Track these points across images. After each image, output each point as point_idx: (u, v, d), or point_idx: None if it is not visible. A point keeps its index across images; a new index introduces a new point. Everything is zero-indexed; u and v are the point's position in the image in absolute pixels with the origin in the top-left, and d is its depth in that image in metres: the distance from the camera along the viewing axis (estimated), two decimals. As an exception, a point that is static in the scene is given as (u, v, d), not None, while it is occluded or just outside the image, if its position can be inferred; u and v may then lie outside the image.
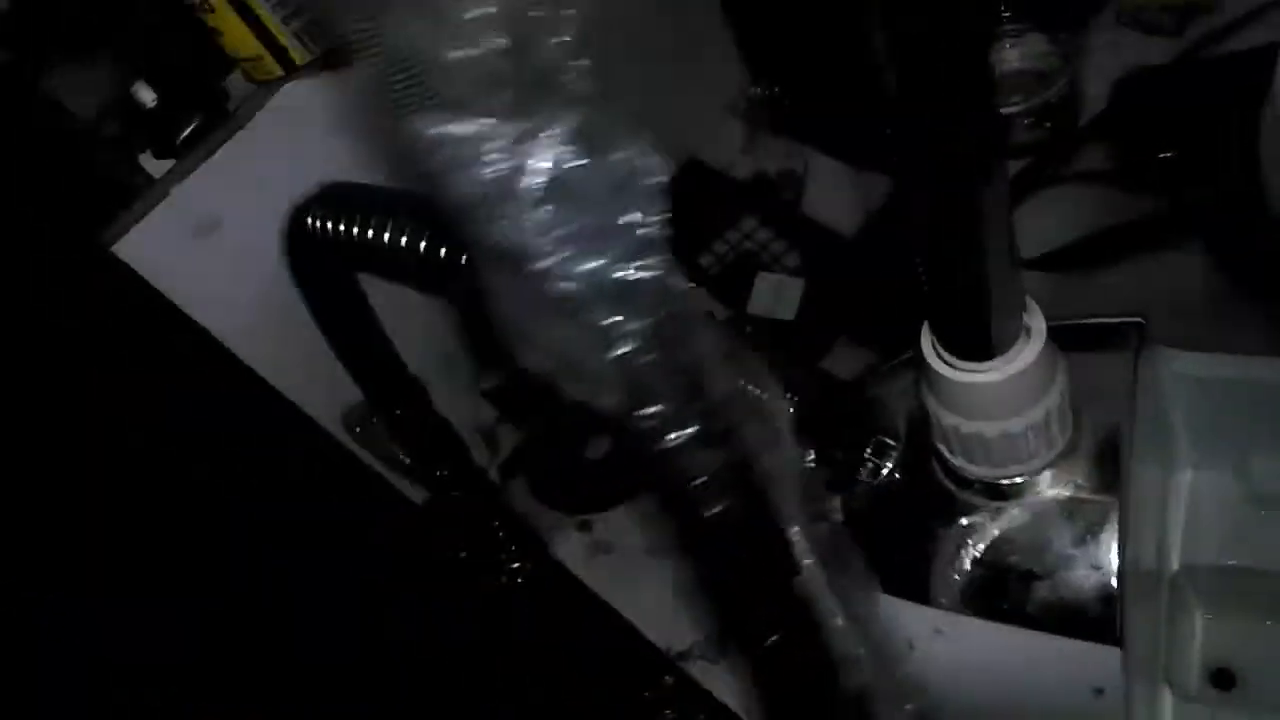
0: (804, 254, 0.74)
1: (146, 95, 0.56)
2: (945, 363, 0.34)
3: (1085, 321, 0.41)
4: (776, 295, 0.73)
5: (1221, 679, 0.48)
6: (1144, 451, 0.44)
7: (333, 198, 0.48)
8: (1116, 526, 0.36)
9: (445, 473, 0.73)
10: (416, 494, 0.77)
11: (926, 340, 0.34)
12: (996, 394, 0.33)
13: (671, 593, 0.70)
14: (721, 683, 0.67)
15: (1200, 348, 0.47)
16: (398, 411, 0.67)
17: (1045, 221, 0.71)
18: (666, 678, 0.69)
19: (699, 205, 0.77)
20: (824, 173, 0.78)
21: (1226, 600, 0.49)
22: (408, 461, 0.72)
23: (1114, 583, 0.35)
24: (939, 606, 0.38)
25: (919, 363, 0.35)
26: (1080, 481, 0.37)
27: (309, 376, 0.65)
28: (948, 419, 0.35)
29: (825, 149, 0.77)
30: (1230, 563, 0.48)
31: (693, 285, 0.33)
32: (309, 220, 0.47)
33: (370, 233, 0.46)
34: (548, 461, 0.79)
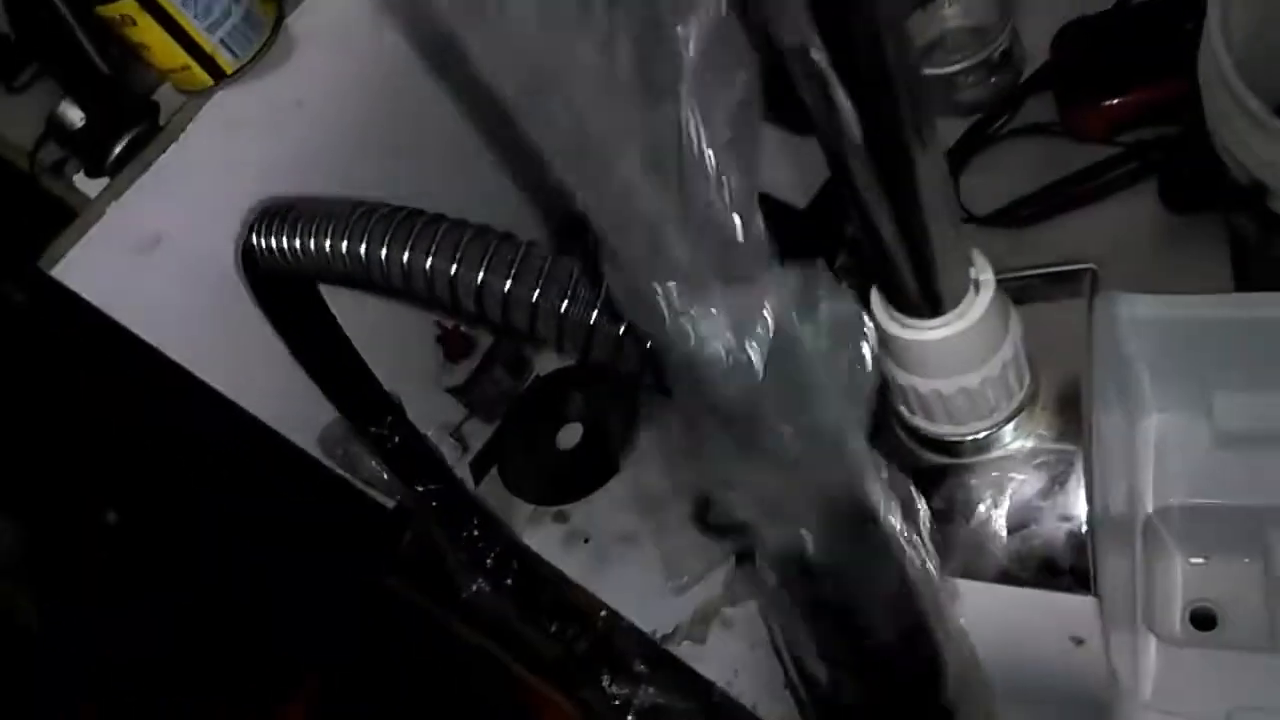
0: (779, 239, 0.73)
1: (73, 115, 0.55)
2: (896, 322, 0.33)
3: (1036, 272, 0.41)
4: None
5: (1202, 620, 0.48)
6: (1107, 398, 0.44)
7: (279, 211, 0.46)
8: (1083, 475, 0.36)
9: (427, 488, 0.72)
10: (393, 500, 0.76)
11: (876, 300, 0.34)
12: (950, 350, 0.33)
13: (651, 577, 0.70)
14: (706, 663, 0.67)
15: (1155, 290, 0.47)
16: (374, 429, 0.66)
17: (996, 177, 0.71)
18: (639, 664, 0.69)
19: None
20: (770, 143, 0.77)
21: (1202, 540, 0.49)
22: (387, 478, 0.72)
23: (1085, 532, 0.35)
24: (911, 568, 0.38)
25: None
26: (1043, 432, 0.37)
27: (277, 392, 0.64)
28: (904, 379, 0.35)
29: (769, 117, 0.76)
30: (1203, 502, 0.48)
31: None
32: (258, 238, 0.46)
33: (327, 241, 0.45)
34: (520, 453, 0.78)
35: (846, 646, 0.34)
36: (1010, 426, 0.36)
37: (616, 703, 0.73)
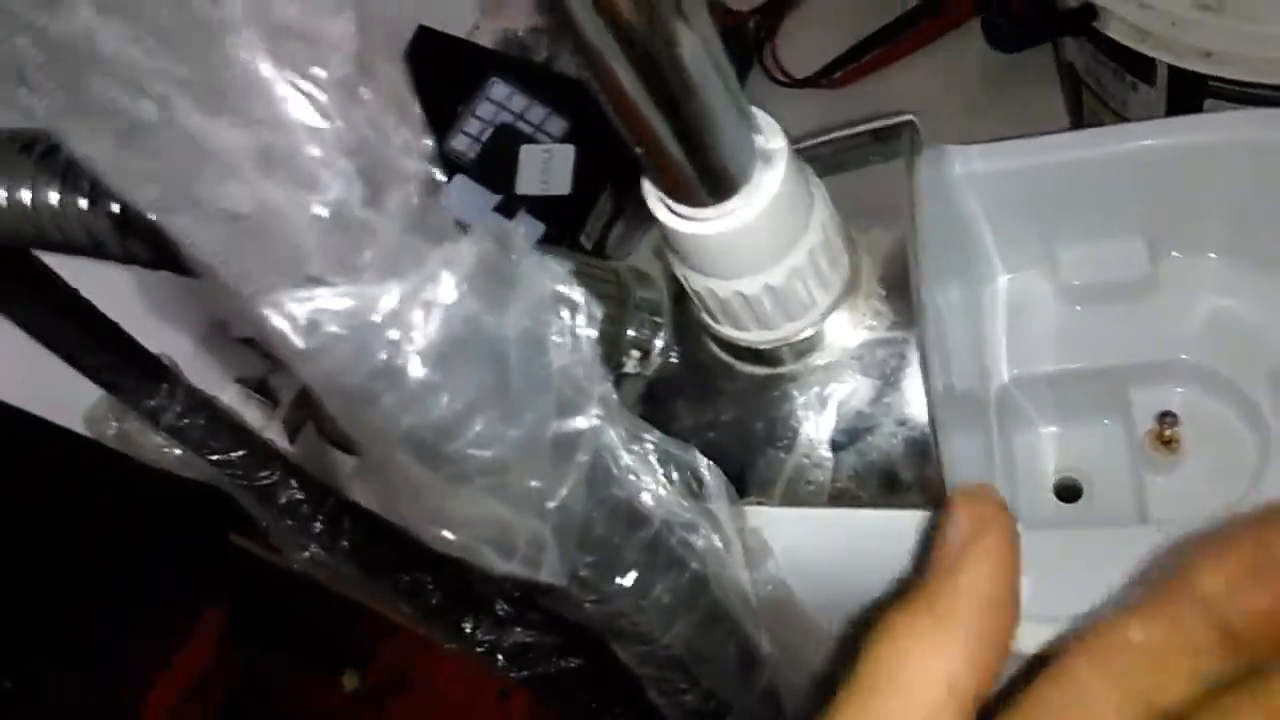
0: (569, 116, 0.66)
1: None
2: (675, 214, 0.26)
3: (846, 133, 0.35)
4: (546, 168, 0.65)
5: (1067, 493, 0.44)
6: (945, 268, 0.39)
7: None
8: (919, 367, 0.30)
9: (228, 455, 0.64)
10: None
11: (648, 190, 0.27)
12: (743, 241, 0.26)
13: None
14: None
15: (990, 139, 0.41)
16: (150, 401, 0.57)
17: (815, 34, 0.64)
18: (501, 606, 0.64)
19: (440, 80, 0.67)
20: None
21: (1061, 407, 0.45)
22: (179, 454, 0.63)
23: (927, 434, 0.30)
24: (746, 500, 0.32)
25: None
26: (871, 322, 0.31)
27: (23, 371, 0.55)
28: (698, 281, 0.28)
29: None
30: (1059, 368, 0.44)
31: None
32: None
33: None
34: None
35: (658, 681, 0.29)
36: (832, 322, 0.31)
37: (481, 648, 0.68)
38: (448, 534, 0.22)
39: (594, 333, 0.20)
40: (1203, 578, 0.19)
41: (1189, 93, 0.42)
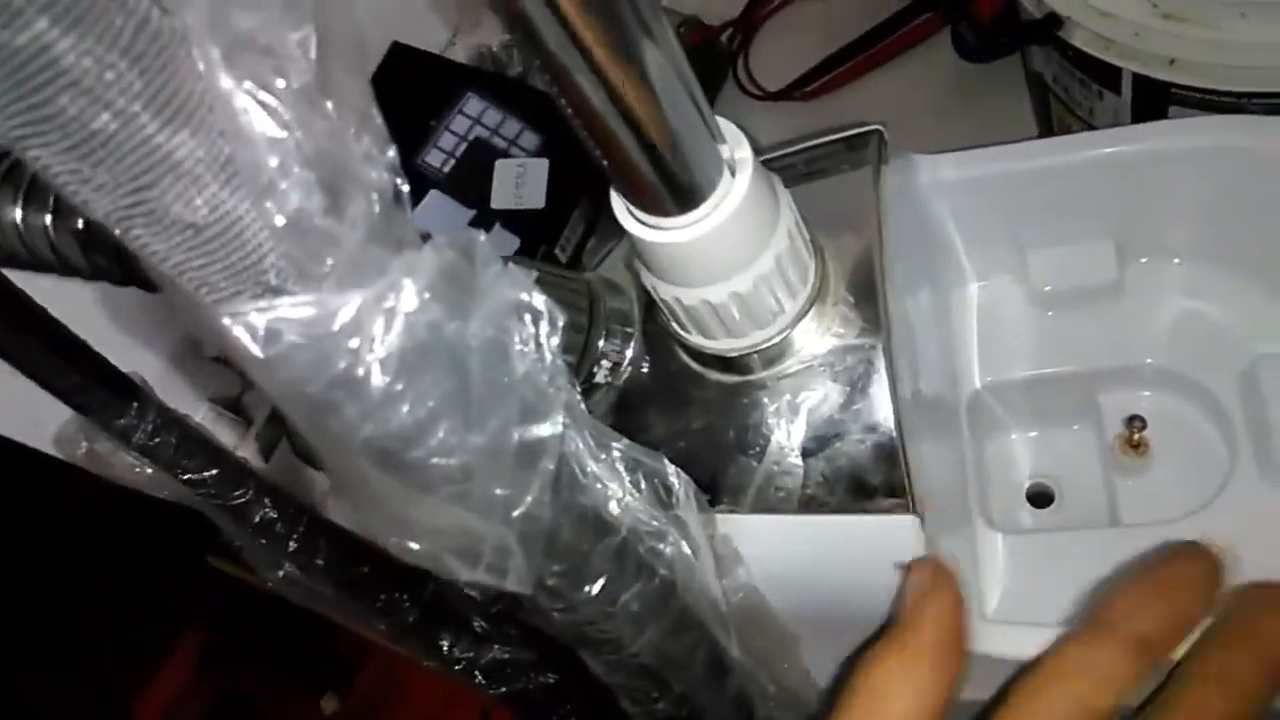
0: (543, 131, 0.66)
1: None
2: (642, 224, 0.27)
3: (815, 143, 0.35)
4: (520, 183, 0.65)
5: (1039, 499, 0.45)
6: (914, 275, 0.39)
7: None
8: (885, 373, 0.30)
9: (200, 475, 0.63)
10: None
11: (616, 201, 0.27)
12: (710, 249, 0.27)
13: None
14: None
15: (961, 147, 0.42)
16: (121, 421, 0.56)
17: (787, 45, 0.65)
18: (479, 623, 0.63)
19: (414, 96, 0.67)
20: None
21: (1032, 413, 0.46)
22: (151, 473, 0.62)
23: (894, 439, 0.30)
24: (717, 508, 0.32)
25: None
26: (839, 329, 0.31)
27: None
28: (666, 290, 0.29)
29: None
30: (1029, 373, 0.45)
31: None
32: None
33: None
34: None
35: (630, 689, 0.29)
36: (800, 329, 0.31)
37: (459, 666, 0.68)
38: (413, 544, 0.21)
39: (557, 340, 0.21)
40: (1116, 599, 0.26)
41: (1153, 100, 0.42)
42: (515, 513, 0.21)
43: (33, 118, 0.15)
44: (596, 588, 0.24)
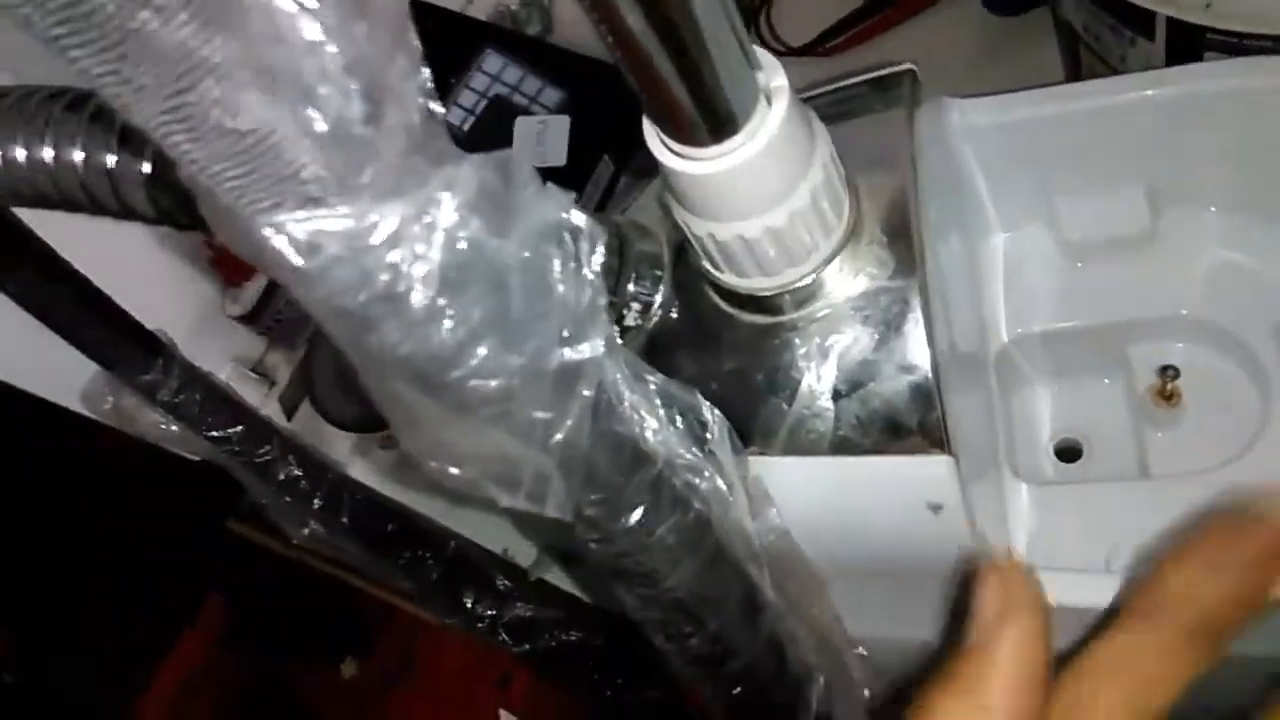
0: (563, 88, 0.65)
1: None
2: (675, 154, 0.26)
3: (847, 83, 0.35)
4: (541, 140, 0.65)
5: (1067, 454, 0.44)
6: (945, 220, 0.39)
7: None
8: (921, 314, 0.30)
9: (225, 432, 0.63)
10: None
11: (649, 129, 0.27)
12: (745, 181, 0.26)
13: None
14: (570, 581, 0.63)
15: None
16: (146, 377, 0.56)
17: (809, 2, 0.64)
18: (501, 581, 0.64)
19: (435, 53, 0.66)
20: (568, -3, 0.69)
21: (1061, 366, 0.45)
22: (178, 430, 0.63)
23: (930, 380, 0.30)
24: (749, 450, 0.32)
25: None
26: (873, 270, 0.31)
27: (18, 347, 0.55)
28: (698, 226, 0.28)
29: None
30: (1058, 325, 0.44)
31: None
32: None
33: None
34: (331, 379, 0.70)
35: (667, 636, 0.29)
36: (833, 269, 0.30)
37: (482, 624, 0.68)
38: (453, 469, 0.21)
39: (599, 259, 0.20)
40: (1167, 577, 0.23)
41: (1188, 46, 0.42)
42: (555, 438, 0.21)
43: (71, 14, 0.15)
44: (634, 518, 0.24)
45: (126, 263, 0.54)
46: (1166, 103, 0.38)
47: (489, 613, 0.70)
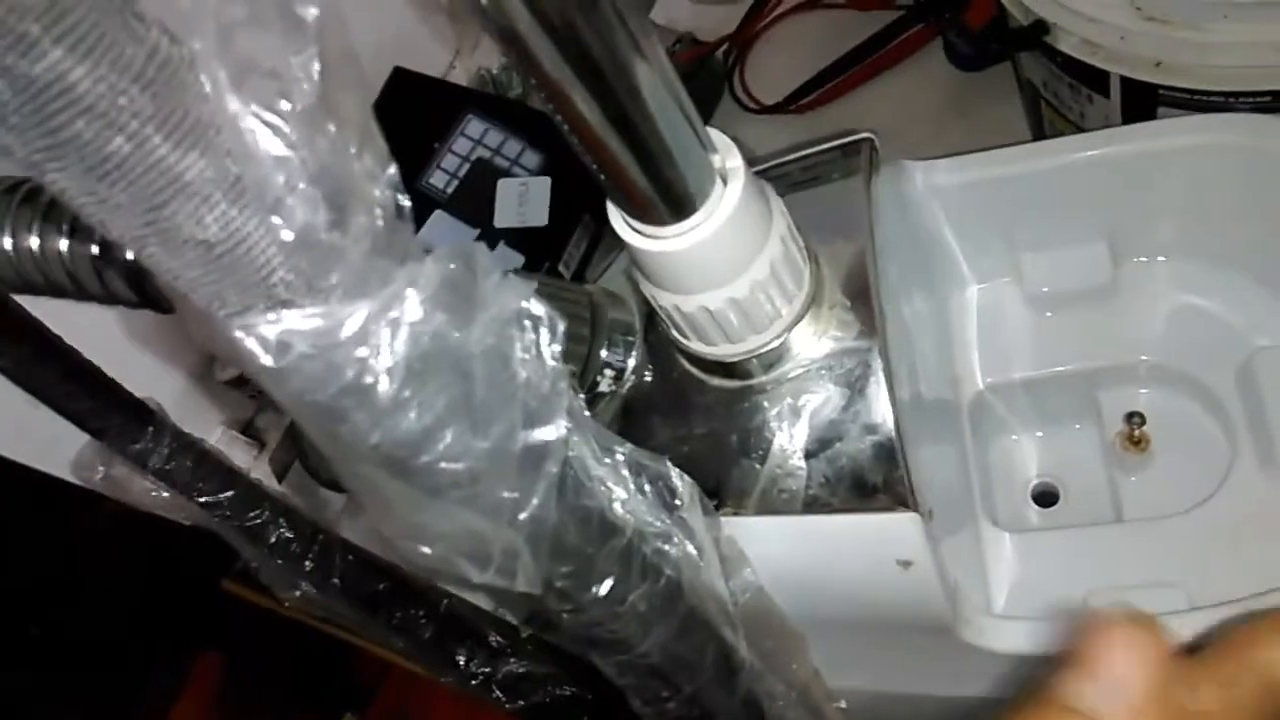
0: (544, 150, 0.67)
1: None
2: (638, 233, 0.27)
3: (808, 152, 0.36)
4: (523, 201, 0.66)
5: (1044, 499, 0.45)
6: (910, 278, 0.40)
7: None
8: (882, 375, 0.31)
9: (216, 497, 0.64)
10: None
11: (613, 212, 0.28)
12: (705, 257, 0.27)
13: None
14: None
15: (955, 153, 0.42)
16: (137, 445, 0.57)
17: (783, 59, 0.66)
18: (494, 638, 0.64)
19: (417, 119, 0.68)
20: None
21: (1034, 413, 0.46)
22: (167, 497, 0.63)
23: (893, 439, 0.31)
24: (722, 511, 0.33)
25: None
26: (836, 333, 0.32)
27: (9, 419, 0.55)
28: (665, 299, 0.29)
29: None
30: (1030, 374, 0.45)
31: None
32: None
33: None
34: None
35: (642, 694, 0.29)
36: (799, 333, 0.31)
37: (475, 681, 0.68)
38: (424, 548, 0.22)
39: (558, 346, 0.21)
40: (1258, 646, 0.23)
41: (1142, 102, 0.43)
42: (522, 515, 0.22)
43: (51, 142, 0.16)
44: (604, 588, 0.24)
45: (112, 327, 0.55)
46: (1122, 159, 0.40)
47: (483, 670, 0.70)
